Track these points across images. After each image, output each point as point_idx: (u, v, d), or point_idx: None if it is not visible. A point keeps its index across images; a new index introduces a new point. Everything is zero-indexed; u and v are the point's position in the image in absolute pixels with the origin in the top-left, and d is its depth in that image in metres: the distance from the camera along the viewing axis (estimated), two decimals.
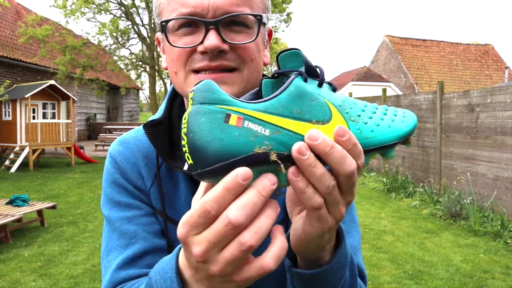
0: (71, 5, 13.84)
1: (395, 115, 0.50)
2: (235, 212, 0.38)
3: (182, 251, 0.47)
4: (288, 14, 15.87)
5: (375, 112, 0.48)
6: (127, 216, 0.70)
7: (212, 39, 0.58)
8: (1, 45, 13.47)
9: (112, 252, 0.70)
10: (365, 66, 20.84)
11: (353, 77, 19.70)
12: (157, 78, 16.14)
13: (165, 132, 0.72)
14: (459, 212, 5.79)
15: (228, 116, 0.41)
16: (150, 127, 0.70)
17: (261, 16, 0.63)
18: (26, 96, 10.86)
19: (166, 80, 16.41)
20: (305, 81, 0.45)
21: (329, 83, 0.48)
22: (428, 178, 7.33)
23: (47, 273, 3.93)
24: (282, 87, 0.44)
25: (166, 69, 0.69)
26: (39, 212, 5.41)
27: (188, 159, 0.41)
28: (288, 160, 0.42)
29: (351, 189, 0.44)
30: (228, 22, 0.60)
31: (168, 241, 0.70)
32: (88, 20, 14.64)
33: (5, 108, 11.75)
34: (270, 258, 0.41)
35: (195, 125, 0.41)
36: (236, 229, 0.38)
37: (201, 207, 0.39)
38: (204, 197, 0.40)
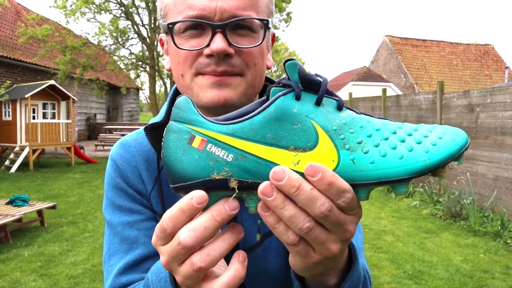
0: (71, 5, 13.85)
1: (423, 138, 0.41)
2: (185, 234, 0.40)
3: None
4: (288, 14, 15.87)
5: (387, 138, 0.41)
6: (128, 221, 0.71)
7: (219, 43, 0.58)
8: (1, 45, 13.48)
9: (114, 257, 0.70)
10: (365, 66, 20.85)
11: (353, 77, 19.71)
12: (157, 78, 16.14)
13: None
14: (459, 212, 5.79)
15: (192, 137, 0.40)
16: (151, 130, 0.68)
17: (267, 20, 0.63)
18: (26, 96, 10.86)
19: (166, 80, 16.41)
20: (297, 98, 0.41)
21: (335, 97, 0.43)
22: (428, 178, 7.33)
23: (47, 273, 3.93)
24: (260, 108, 0.41)
25: (169, 70, 0.69)
26: (39, 212, 5.41)
27: None
28: (254, 188, 0.39)
29: (338, 227, 0.41)
30: (234, 26, 0.60)
31: None
32: (88, 20, 14.64)
33: (5, 108, 11.75)
34: (220, 286, 0.42)
35: (166, 141, 0.41)
36: (187, 250, 0.40)
37: (160, 223, 0.41)
38: (164, 214, 0.41)
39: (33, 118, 11.88)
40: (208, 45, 0.59)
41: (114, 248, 0.71)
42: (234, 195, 0.40)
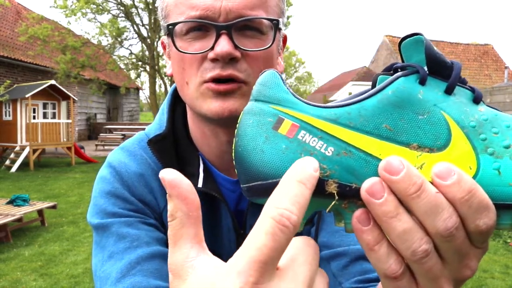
0: (71, 6, 13.87)
1: None
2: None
3: None
4: (288, 17, 15.86)
5: None
6: (125, 221, 0.59)
7: (223, 45, 0.52)
8: (1, 45, 13.49)
9: (109, 261, 0.57)
10: (364, 66, 20.88)
11: (353, 77, 19.74)
12: (157, 78, 16.15)
13: (171, 147, 0.65)
14: None
15: (280, 120, 0.30)
16: (155, 143, 0.62)
17: (277, 20, 0.57)
18: (27, 96, 10.87)
19: (166, 80, 16.42)
20: (422, 83, 0.31)
21: (471, 89, 0.32)
22: None
23: (48, 273, 3.94)
24: (375, 89, 0.31)
25: (171, 75, 0.63)
26: (40, 212, 5.42)
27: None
28: (359, 196, 0.29)
29: (459, 258, 0.29)
30: (241, 27, 0.55)
31: None
32: (89, 20, 14.66)
33: (5, 108, 11.76)
34: None
35: (242, 126, 0.32)
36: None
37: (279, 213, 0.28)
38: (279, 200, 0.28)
39: (34, 118, 11.89)
40: (212, 48, 0.54)
41: (108, 251, 0.57)
42: (332, 204, 0.29)
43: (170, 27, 0.56)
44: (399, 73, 0.32)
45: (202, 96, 0.56)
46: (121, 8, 14.73)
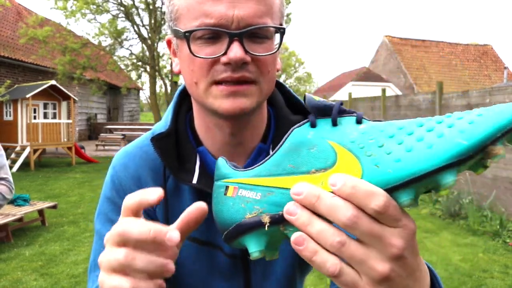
0: (71, 7, 13.87)
1: (457, 121, 0.37)
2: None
3: None
4: (287, 15, 15.88)
5: (412, 133, 0.38)
6: None
7: (236, 51, 0.57)
8: (2, 45, 13.50)
9: (95, 269, 0.66)
10: (364, 67, 20.88)
11: (353, 78, 19.73)
12: (157, 78, 16.15)
13: (173, 145, 0.70)
14: (458, 211, 5.82)
15: (226, 188, 0.43)
16: (157, 141, 0.68)
17: (284, 29, 0.63)
18: (27, 96, 10.88)
19: (166, 81, 16.42)
20: (313, 126, 0.42)
21: (353, 114, 0.42)
22: None
23: (48, 272, 3.95)
24: (278, 146, 0.43)
25: (179, 72, 0.68)
26: (40, 212, 5.43)
27: None
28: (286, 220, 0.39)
29: (376, 240, 0.36)
30: (251, 34, 0.60)
31: None
32: (89, 21, 14.67)
33: (6, 108, 11.77)
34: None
35: (213, 198, 0.46)
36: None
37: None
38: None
39: (34, 118, 11.90)
40: (225, 53, 0.58)
41: (94, 255, 0.67)
42: (267, 228, 0.40)
43: (187, 34, 0.59)
44: (294, 126, 0.43)
45: (212, 95, 0.62)
46: (121, 8, 14.73)
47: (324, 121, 0.42)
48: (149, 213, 0.71)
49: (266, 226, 0.40)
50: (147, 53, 15.65)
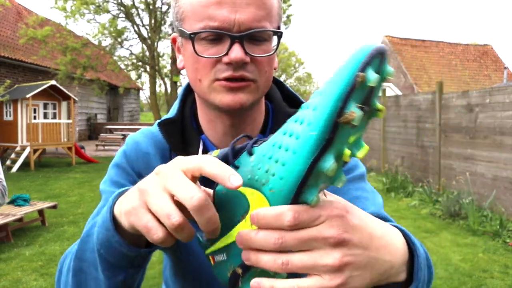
0: (71, 7, 13.87)
1: (305, 114, 0.38)
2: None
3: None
4: (288, 16, 15.89)
5: (280, 146, 0.40)
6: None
7: (237, 52, 0.63)
8: (2, 45, 13.50)
9: (93, 217, 0.72)
10: None
11: None
12: (157, 78, 16.15)
13: (178, 130, 0.77)
14: (458, 211, 5.82)
15: (209, 258, 0.49)
16: (164, 125, 0.75)
17: (281, 33, 0.68)
18: (27, 96, 10.88)
19: (166, 80, 16.42)
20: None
21: (244, 149, 0.46)
22: (427, 178, 7.35)
23: (48, 272, 3.95)
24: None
25: (183, 68, 0.74)
26: (40, 212, 5.43)
27: None
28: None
29: (312, 243, 0.40)
30: (250, 36, 0.65)
31: None
32: (88, 21, 14.66)
33: (6, 108, 11.77)
34: None
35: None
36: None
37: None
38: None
39: (34, 118, 11.90)
40: (226, 54, 0.64)
41: (96, 209, 0.73)
42: (243, 276, 0.45)
43: (192, 35, 0.65)
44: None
45: (215, 91, 0.67)
46: (121, 8, 14.73)
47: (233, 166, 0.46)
48: None
49: (242, 276, 0.45)
50: (147, 53, 15.66)
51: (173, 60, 15.53)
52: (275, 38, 0.69)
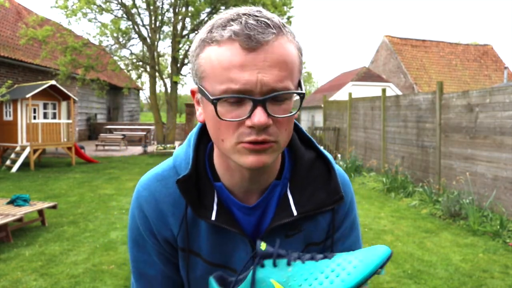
0: (72, 6, 13.86)
1: (341, 271, 0.60)
2: None
3: None
4: (288, 18, 15.90)
5: (317, 278, 0.60)
6: (146, 260, 0.83)
7: (260, 117, 0.62)
8: (2, 45, 13.49)
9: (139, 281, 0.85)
10: (364, 67, 20.85)
11: (353, 77, 19.72)
12: (157, 78, 16.14)
13: (193, 183, 0.77)
14: (458, 211, 5.82)
15: None
16: (182, 183, 0.75)
17: (304, 94, 0.68)
18: (27, 96, 10.87)
19: (166, 80, 16.41)
20: (262, 266, 0.65)
21: (284, 257, 0.66)
22: (427, 178, 7.35)
23: (48, 273, 3.95)
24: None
25: (203, 121, 0.74)
26: (40, 212, 5.43)
27: None
28: None
29: None
30: (273, 97, 0.64)
31: (187, 270, 0.80)
32: (90, 21, 14.65)
33: (6, 108, 11.77)
34: None
35: None
36: None
37: None
38: None
39: (34, 118, 11.90)
40: (249, 117, 0.64)
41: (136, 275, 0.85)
42: None
43: (214, 101, 0.64)
44: (251, 269, 0.65)
45: (238, 153, 0.68)
46: (122, 8, 14.72)
47: (268, 262, 0.64)
48: (170, 240, 0.79)
49: None
50: (147, 53, 15.64)
51: (173, 60, 15.53)
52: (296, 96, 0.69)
